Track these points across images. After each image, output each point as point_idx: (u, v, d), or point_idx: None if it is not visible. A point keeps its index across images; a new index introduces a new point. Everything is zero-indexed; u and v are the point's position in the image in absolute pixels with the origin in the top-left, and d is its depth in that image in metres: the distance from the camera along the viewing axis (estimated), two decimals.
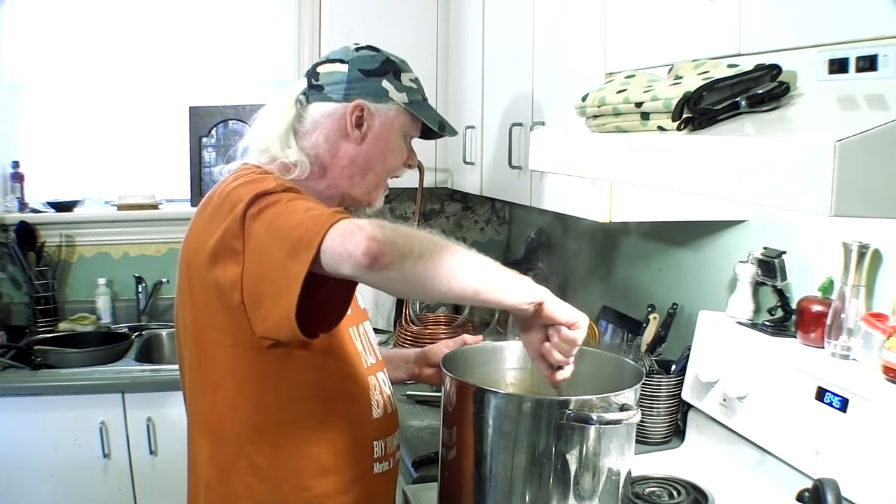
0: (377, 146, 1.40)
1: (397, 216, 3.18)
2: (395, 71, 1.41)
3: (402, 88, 1.41)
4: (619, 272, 2.34)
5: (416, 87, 1.44)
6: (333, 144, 1.39)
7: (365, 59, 1.40)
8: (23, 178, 2.99)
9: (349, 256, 1.06)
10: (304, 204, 1.17)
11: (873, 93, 0.95)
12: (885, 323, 1.32)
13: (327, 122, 1.38)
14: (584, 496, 1.23)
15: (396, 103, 1.40)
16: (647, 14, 1.47)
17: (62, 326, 2.90)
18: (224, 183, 1.31)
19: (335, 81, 1.39)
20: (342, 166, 1.40)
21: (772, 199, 0.90)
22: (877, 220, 1.23)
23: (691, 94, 1.07)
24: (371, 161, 1.41)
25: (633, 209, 1.69)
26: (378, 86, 1.39)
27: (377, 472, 1.39)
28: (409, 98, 1.42)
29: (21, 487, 2.41)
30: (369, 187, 1.43)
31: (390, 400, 1.45)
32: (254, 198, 1.18)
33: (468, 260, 1.14)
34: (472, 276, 1.13)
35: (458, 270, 1.11)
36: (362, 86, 1.38)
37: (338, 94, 1.38)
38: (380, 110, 1.39)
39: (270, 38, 3.13)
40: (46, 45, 3.01)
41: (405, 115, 1.42)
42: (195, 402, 1.36)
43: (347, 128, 1.38)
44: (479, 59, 2.40)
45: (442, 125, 1.46)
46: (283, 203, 1.18)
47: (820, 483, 1.15)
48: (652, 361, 1.84)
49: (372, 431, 1.38)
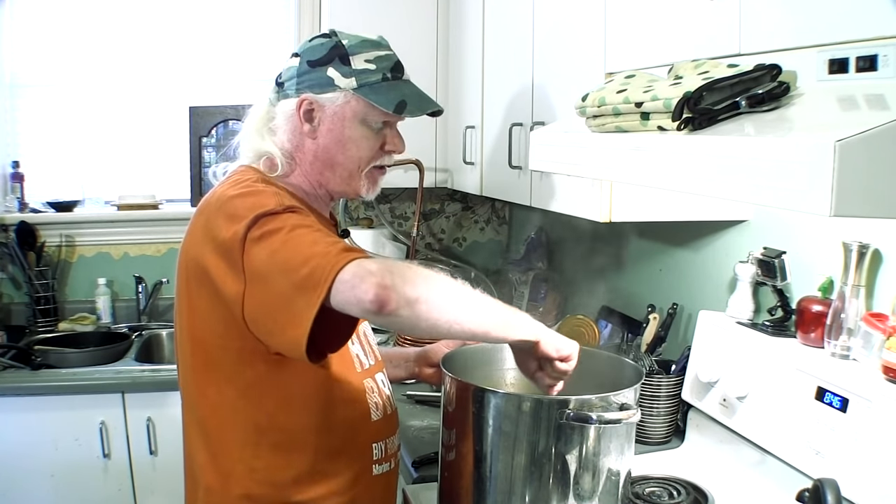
0: (332, 138, 1.35)
1: (397, 216, 3.18)
2: (342, 56, 1.33)
3: (351, 73, 1.33)
4: (619, 272, 2.34)
5: (375, 67, 1.34)
6: (296, 142, 1.36)
7: (314, 49, 1.35)
8: (23, 178, 2.99)
9: (358, 301, 1.08)
10: (307, 236, 1.16)
11: (873, 93, 0.95)
12: (885, 323, 1.32)
13: (287, 120, 1.36)
14: (584, 496, 1.23)
15: (344, 90, 1.33)
16: (647, 14, 1.47)
17: (62, 326, 2.90)
18: (222, 186, 1.30)
19: (290, 77, 1.36)
20: (309, 162, 1.37)
21: (772, 199, 0.90)
22: (877, 220, 1.23)
23: (691, 94, 1.07)
24: (331, 154, 1.36)
25: (633, 209, 1.69)
26: (322, 75, 1.33)
27: (377, 474, 1.39)
28: (360, 81, 1.33)
29: (21, 487, 2.41)
30: (343, 180, 1.38)
31: (390, 400, 1.45)
32: (255, 218, 1.17)
33: (473, 304, 1.18)
34: (477, 319, 1.17)
35: (463, 316, 1.15)
36: (309, 77, 1.34)
37: (292, 90, 1.35)
38: (327, 100, 1.33)
39: (270, 38, 3.13)
40: (46, 45, 3.01)
41: (358, 100, 1.33)
42: (192, 406, 1.35)
43: (299, 123, 1.35)
44: (479, 59, 2.40)
45: (401, 105, 1.34)
46: (285, 231, 1.16)
47: (820, 483, 1.15)
48: (652, 361, 1.84)
49: (371, 434, 1.38)
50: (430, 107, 1.39)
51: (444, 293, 1.14)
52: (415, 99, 1.36)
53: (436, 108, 1.40)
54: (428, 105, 1.39)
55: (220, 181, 1.36)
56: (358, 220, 3.01)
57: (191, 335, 1.30)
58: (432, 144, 2.75)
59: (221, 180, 1.36)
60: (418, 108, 1.36)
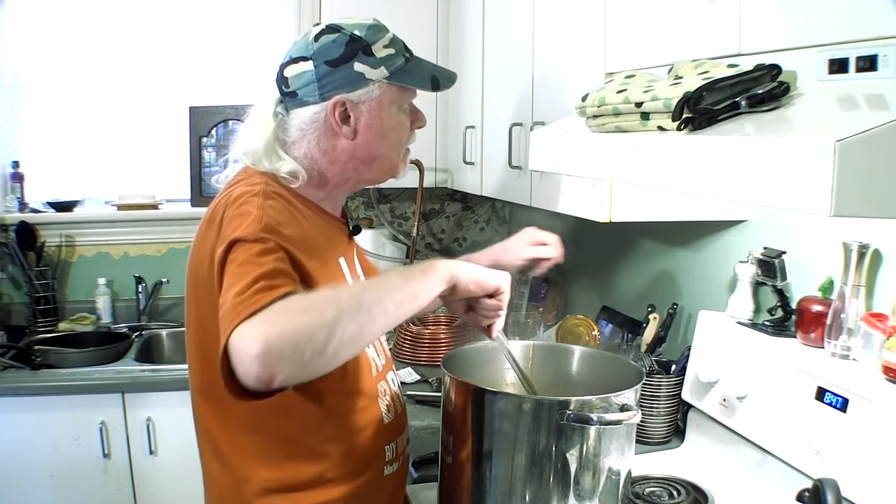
0: (373, 132, 1.32)
1: (397, 216, 3.18)
2: (364, 48, 1.29)
3: (378, 62, 1.29)
4: (619, 272, 2.34)
5: (395, 51, 1.32)
6: (327, 147, 1.32)
7: (327, 48, 1.29)
8: (23, 178, 2.99)
9: (246, 379, 0.97)
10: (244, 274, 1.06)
11: (873, 93, 0.95)
12: (885, 323, 1.32)
13: (313, 128, 1.30)
14: (584, 496, 1.23)
15: (377, 81, 1.30)
16: (647, 14, 1.47)
17: (62, 326, 2.90)
18: (225, 195, 1.26)
19: (306, 83, 1.30)
20: (343, 162, 1.33)
21: (772, 199, 0.90)
22: (877, 220, 1.23)
23: (691, 94, 1.07)
24: (373, 148, 1.34)
25: (633, 209, 1.69)
26: (350, 73, 1.28)
27: (388, 474, 1.39)
28: (390, 68, 1.30)
29: (21, 487, 2.41)
30: (381, 170, 1.37)
31: (399, 399, 1.44)
32: (230, 244, 1.13)
33: (373, 305, 1.04)
34: (384, 319, 1.06)
35: (369, 327, 1.04)
36: (334, 78, 1.28)
37: (313, 96, 1.29)
38: (362, 97, 1.30)
39: (270, 38, 3.13)
40: (46, 45, 3.01)
41: (392, 87, 1.31)
42: (201, 418, 1.34)
43: (335, 127, 1.30)
44: (479, 59, 2.40)
45: (436, 81, 1.35)
46: (236, 265, 1.09)
47: (820, 483, 1.15)
48: (652, 361, 1.84)
49: (384, 437, 1.38)
50: (452, 76, 1.41)
51: (343, 320, 0.99)
52: (439, 71, 1.38)
53: (454, 74, 1.42)
54: (450, 75, 1.40)
55: (224, 187, 1.32)
56: (358, 220, 3.01)
57: (198, 349, 1.30)
58: (432, 144, 2.75)
59: (225, 186, 1.32)
60: (448, 79, 1.38)
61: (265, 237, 1.13)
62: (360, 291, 1.08)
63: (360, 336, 1.03)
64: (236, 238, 1.13)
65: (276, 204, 1.23)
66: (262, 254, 1.11)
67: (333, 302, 1.00)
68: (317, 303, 1.00)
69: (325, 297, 1.02)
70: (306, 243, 1.23)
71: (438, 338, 2.48)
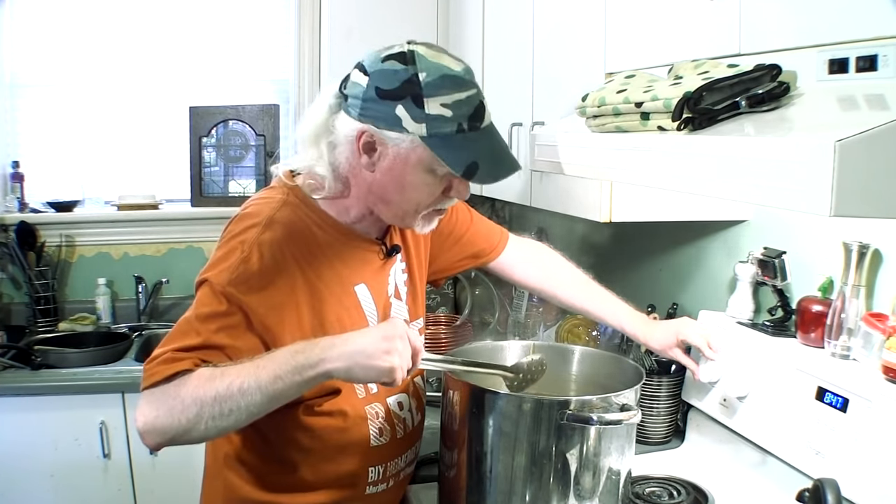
0: (392, 178, 1.22)
1: None
2: (415, 95, 1.16)
3: (423, 118, 1.16)
4: (618, 272, 2.34)
5: (451, 115, 1.17)
6: (353, 166, 1.25)
7: (386, 75, 1.18)
8: (23, 178, 2.99)
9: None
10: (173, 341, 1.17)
11: (873, 93, 0.95)
12: (885, 323, 1.32)
13: (347, 141, 1.23)
14: (584, 496, 1.24)
15: (412, 134, 1.17)
16: (647, 14, 1.47)
17: (62, 326, 2.90)
18: (244, 205, 1.31)
19: (355, 95, 1.21)
20: (363, 191, 1.26)
21: (772, 199, 0.90)
22: (877, 220, 1.23)
23: (691, 94, 1.07)
24: (387, 193, 1.24)
25: (633, 209, 1.69)
26: (390, 112, 1.17)
27: (371, 493, 1.37)
28: (431, 130, 1.16)
29: (21, 487, 2.41)
30: (396, 217, 1.28)
31: (405, 423, 1.39)
32: (199, 282, 1.22)
33: (230, 412, 1.11)
34: (246, 418, 1.13)
35: (226, 424, 1.12)
36: (375, 108, 1.18)
37: (355, 111, 1.21)
38: (392, 139, 1.19)
39: (270, 38, 3.13)
40: (46, 45, 3.01)
41: (425, 149, 1.17)
42: None
43: (357, 152, 1.22)
44: (479, 60, 2.40)
45: (473, 168, 1.16)
46: (187, 314, 1.20)
47: (820, 483, 1.15)
48: (652, 361, 1.84)
49: (368, 459, 1.35)
50: (502, 173, 1.21)
51: (204, 418, 1.11)
52: (488, 161, 1.19)
53: (511, 172, 1.22)
54: (502, 169, 1.21)
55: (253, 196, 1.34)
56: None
57: None
58: None
59: (251, 197, 1.34)
60: (490, 175, 1.19)
61: (228, 294, 1.18)
62: (225, 392, 1.10)
63: (223, 430, 1.15)
64: (206, 279, 1.20)
65: (273, 239, 1.22)
66: (207, 319, 1.18)
67: (198, 402, 1.10)
68: (186, 396, 1.11)
69: (194, 392, 1.11)
70: (304, 278, 1.24)
71: (438, 338, 2.48)
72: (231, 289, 1.17)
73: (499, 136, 1.25)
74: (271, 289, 1.20)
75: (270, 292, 1.20)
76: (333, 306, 1.27)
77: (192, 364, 1.14)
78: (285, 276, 1.22)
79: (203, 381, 1.11)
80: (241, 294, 1.18)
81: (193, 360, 1.14)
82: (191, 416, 1.10)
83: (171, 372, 1.13)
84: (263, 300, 1.19)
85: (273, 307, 1.20)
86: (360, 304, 1.33)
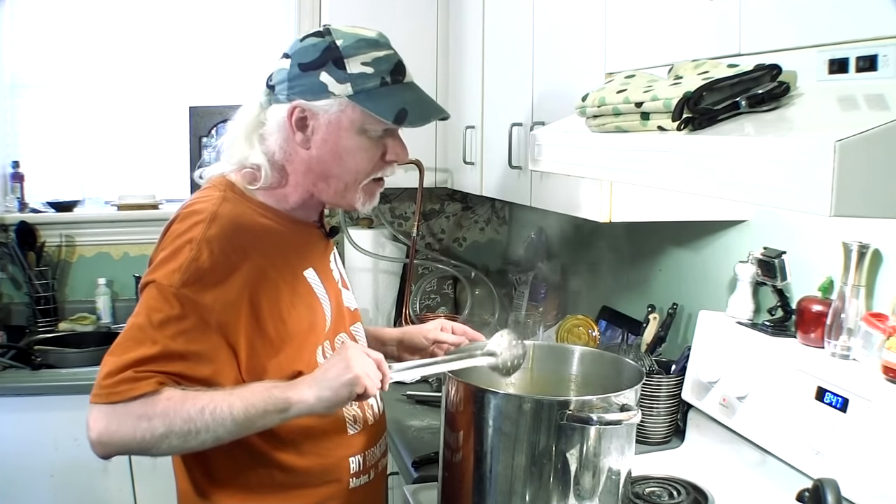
0: (327, 149, 1.25)
1: (397, 216, 3.18)
2: (336, 59, 1.22)
3: (346, 78, 1.22)
4: (618, 272, 2.34)
5: (373, 71, 1.23)
6: (288, 150, 1.28)
7: (305, 51, 1.24)
8: (23, 178, 2.99)
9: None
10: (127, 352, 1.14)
11: (873, 93, 0.95)
12: (885, 323, 1.32)
13: (279, 127, 1.27)
14: (584, 496, 1.24)
15: (338, 97, 1.22)
16: (647, 14, 1.47)
17: (62, 326, 2.90)
18: (182, 207, 1.29)
19: (281, 80, 1.26)
20: (301, 173, 1.29)
21: (772, 199, 0.90)
22: (877, 220, 1.22)
23: (691, 94, 1.07)
24: (326, 166, 1.26)
25: (633, 209, 1.69)
26: (315, 81, 1.22)
27: (354, 486, 1.36)
28: (356, 87, 1.22)
29: (21, 487, 2.41)
30: (337, 193, 1.30)
31: (373, 409, 1.40)
32: (144, 284, 1.20)
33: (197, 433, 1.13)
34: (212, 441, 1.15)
35: (191, 444, 1.14)
36: (300, 82, 1.23)
37: (283, 94, 1.26)
38: (322, 108, 1.23)
39: (270, 38, 3.13)
40: (46, 45, 3.01)
41: (354, 108, 1.23)
42: None
43: (290, 132, 1.26)
44: (479, 59, 2.40)
45: (402, 114, 1.22)
46: (135, 319, 1.17)
47: (820, 483, 1.15)
48: (652, 361, 1.84)
49: (347, 449, 1.34)
50: (433, 115, 1.29)
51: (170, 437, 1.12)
52: (416, 106, 1.25)
53: (440, 116, 1.30)
54: (431, 112, 1.29)
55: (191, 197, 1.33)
56: (358, 220, 3.00)
57: None
58: (432, 144, 2.75)
59: (189, 198, 1.33)
60: (420, 118, 1.25)
61: (181, 297, 1.16)
62: (197, 415, 1.12)
63: (187, 450, 1.18)
64: (153, 281, 1.18)
65: (220, 233, 1.21)
66: (162, 325, 1.15)
67: (167, 421, 1.11)
68: (154, 415, 1.11)
69: (163, 411, 1.11)
70: (256, 268, 1.22)
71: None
72: (185, 290, 1.16)
73: (423, 90, 1.30)
74: (226, 284, 1.19)
75: (225, 288, 1.18)
76: (288, 294, 1.27)
77: (157, 384, 1.13)
78: (238, 269, 1.20)
79: (174, 402, 1.12)
80: (195, 294, 1.16)
81: (158, 380, 1.13)
82: (157, 434, 1.11)
83: (135, 394, 1.11)
84: (218, 297, 1.17)
85: (229, 303, 1.18)
86: (313, 289, 1.34)
